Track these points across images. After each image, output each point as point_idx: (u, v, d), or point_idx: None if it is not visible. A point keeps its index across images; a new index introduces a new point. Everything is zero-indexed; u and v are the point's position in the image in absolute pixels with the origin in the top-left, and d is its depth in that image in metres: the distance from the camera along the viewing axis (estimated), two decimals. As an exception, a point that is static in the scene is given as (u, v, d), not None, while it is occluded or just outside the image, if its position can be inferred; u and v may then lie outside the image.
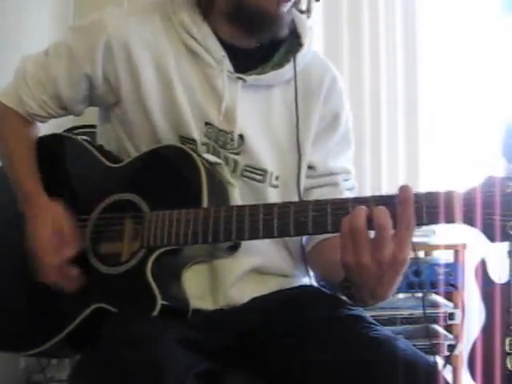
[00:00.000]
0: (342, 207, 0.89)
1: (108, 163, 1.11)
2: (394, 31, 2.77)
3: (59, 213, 1.06)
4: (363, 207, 0.86)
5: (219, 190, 1.06)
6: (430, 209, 0.84)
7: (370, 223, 0.85)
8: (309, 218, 0.90)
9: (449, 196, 0.84)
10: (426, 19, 2.76)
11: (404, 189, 0.85)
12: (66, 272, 1.02)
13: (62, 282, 1.02)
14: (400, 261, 0.85)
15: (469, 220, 0.84)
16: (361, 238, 0.85)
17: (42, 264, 1.03)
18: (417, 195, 0.85)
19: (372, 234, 0.86)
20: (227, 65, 1.09)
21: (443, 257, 2.31)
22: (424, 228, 2.23)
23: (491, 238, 0.83)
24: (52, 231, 1.04)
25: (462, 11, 2.70)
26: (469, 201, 0.83)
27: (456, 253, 2.24)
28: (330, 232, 0.90)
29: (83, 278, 1.03)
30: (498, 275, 2.05)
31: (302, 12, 1.14)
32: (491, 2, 2.63)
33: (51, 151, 1.17)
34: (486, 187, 0.83)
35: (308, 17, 1.15)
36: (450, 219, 0.84)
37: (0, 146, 1.18)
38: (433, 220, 0.85)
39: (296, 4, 1.12)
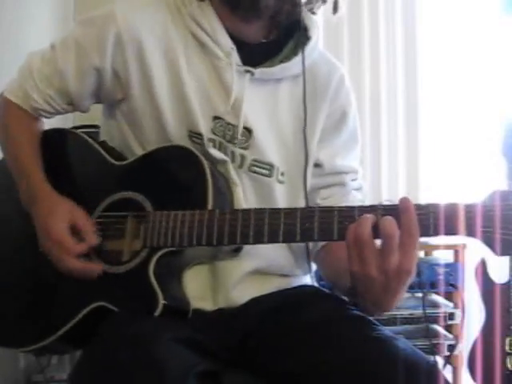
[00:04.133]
0: (349, 215, 0.88)
1: (112, 160, 1.10)
2: (393, 31, 2.78)
3: (73, 207, 1.05)
4: (368, 216, 0.86)
5: (223, 190, 1.05)
6: (435, 220, 0.84)
7: (376, 232, 0.85)
8: (315, 225, 0.90)
9: (455, 209, 0.84)
10: (426, 19, 2.76)
11: (403, 199, 0.86)
12: (89, 268, 1.01)
13: (87, 271, 1.01)
14: (405, 270, 0.85)
15: (473, 233, 0.84)
16: (366, 248, 0.85)
17: (62, 257, 1.01)
18: (423, 206, 0.85)
19: (378, 243, 0.86)
20: (235, 58, 1.08)
21: (443, 257, 2.32)
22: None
23: (495, 252, 0.84)
24: (69, 225, 1.02)
25: (462, 11, 2.70)
26: (474, 214, 0.83)
27: (456, 253, 2.24)
28: (335, 240, 0.90)
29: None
30: (498, 275, 2.05)
31: (312, 13, 1.15)
32: (491, 2, 2.63)
33: (55, 146, 1.16)
34: (490, 201, 0.84)
35: (334, 13, 1.15)
36: (454, 232, 0.84)
37: (6, 141, 1.17)
38: (438, 231, 0.85)
39: (308, 4, 1.13)
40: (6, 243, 1.15)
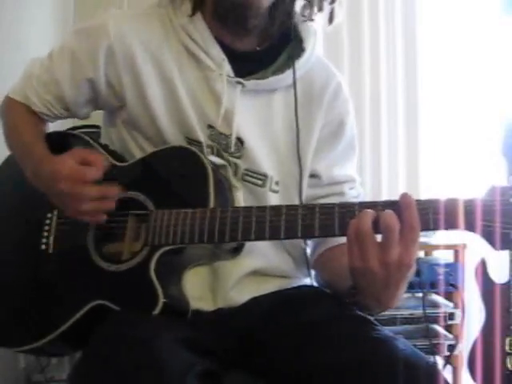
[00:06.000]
0: (349, 211, 0.89)
1: (114, 161, 1.11)
2: (394, 32, 2.77)
3: (76, 149, 1.05)
4: (369, 210, 0.86)
5: (225, 191, 1.06)
6: (435, 215, 0.85)
7: (377, 227, 0.86)
8: (316, 221, 0.90)
9: (455, 203, 0.85)
10: (426, 20, 2.76)
11: (404, 195, 0.87)
12: (105, 190, 0.99)
13: (108, 192, 0.99)
14: (406, 264, 0.86)
15: (472, 227, 0.84)
16: (367, 242, 0.85)
17: (81, 189, 0.98)
18: (423, 201, 0.86)
19: (379, 238, 0.86)
20: (227, 68, 1.09)
21: (443, 257, 2.32)
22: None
23: (494, 246, 0.84)
24: (77, 159, 1.00)
25: (462, 12, 2.70)
26: (473, 208, 0.84)
27: (456, 253, 2.24)
28: (336, 235, 0.91)
29: (84, 274, 1.03)
30: (498, 275, 2.05)
31: (306, 18, 1.15)
32: (491, 2, 2.63)
33: (57, 148, 1.16)
34: (489, 196, 0.85)
35: (330, 23, 1.16)
36: (454, 226, 0.85)
37: (11, 132, 1.17)
38: (438, 226, 0.86)
39: (304, 9, 1.14)
40: (4, 242, 1.16)
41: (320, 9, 1.15)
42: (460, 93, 2.70)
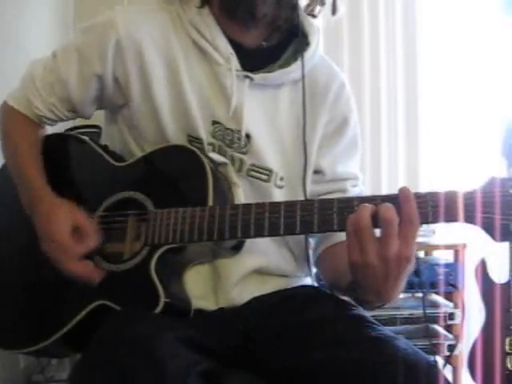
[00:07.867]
0: (348, 206, 0.89)
1: (113, 162, 1.11)
2: (394, 31, 2.78)
3: (74, 209, 1.05)
4: (368, 205, 0.86)
5: (224, 189, 1.06)
6: (434, 207, 0.85)
7: (376, 221, 0.85)
8: (315, 217, 0.90)
9: (454, 195, 0.85)
10: (426, 20, 2.77)
11: (403, 189, 0.87)
12: (89, 274, 1.01)
13: (88, 275, 1.01)
14: (405, 257, 0.85)
15: (472, 219, 0.84)
16: (366, 236, 0.85)
17: (64, 260, 1.01)
18: (421, 194, 0.86)
19: (378, 232, 0.86)
20: (235, 63, 1.09)
21: (443, 257, 2.32)
22: (424, 228, 2.24)
23: (494, 237, 0.84)
24: (71, 226, 1.02)
25: (462, 12, 2.71)
26: (473, 200, 0.84)
27: (456, 253, 2.25)
28: (335, 230, 0.91)
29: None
30: (498, 275, 2.06)
31: (313, 16, 1.15)
32: (491, 2, 2.63)
33: (57, 150, 1.16)
34: (489, 187, 0.84)
35: (333, 14, 1.16)
36: (453, 218, 0.85)
37: (7, 146, 1.17)
38: (437, 218, 0.85)
39: (308, 6, 1.14)
40: (7, 244, 1.15)
41: (322, 3, 1.15)
42: (460, 92, 2.70)
